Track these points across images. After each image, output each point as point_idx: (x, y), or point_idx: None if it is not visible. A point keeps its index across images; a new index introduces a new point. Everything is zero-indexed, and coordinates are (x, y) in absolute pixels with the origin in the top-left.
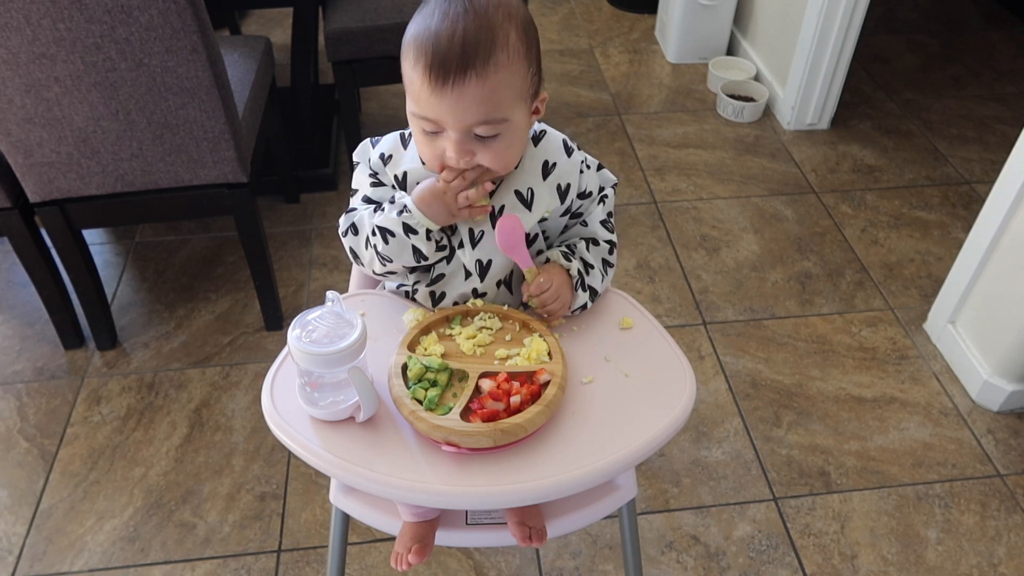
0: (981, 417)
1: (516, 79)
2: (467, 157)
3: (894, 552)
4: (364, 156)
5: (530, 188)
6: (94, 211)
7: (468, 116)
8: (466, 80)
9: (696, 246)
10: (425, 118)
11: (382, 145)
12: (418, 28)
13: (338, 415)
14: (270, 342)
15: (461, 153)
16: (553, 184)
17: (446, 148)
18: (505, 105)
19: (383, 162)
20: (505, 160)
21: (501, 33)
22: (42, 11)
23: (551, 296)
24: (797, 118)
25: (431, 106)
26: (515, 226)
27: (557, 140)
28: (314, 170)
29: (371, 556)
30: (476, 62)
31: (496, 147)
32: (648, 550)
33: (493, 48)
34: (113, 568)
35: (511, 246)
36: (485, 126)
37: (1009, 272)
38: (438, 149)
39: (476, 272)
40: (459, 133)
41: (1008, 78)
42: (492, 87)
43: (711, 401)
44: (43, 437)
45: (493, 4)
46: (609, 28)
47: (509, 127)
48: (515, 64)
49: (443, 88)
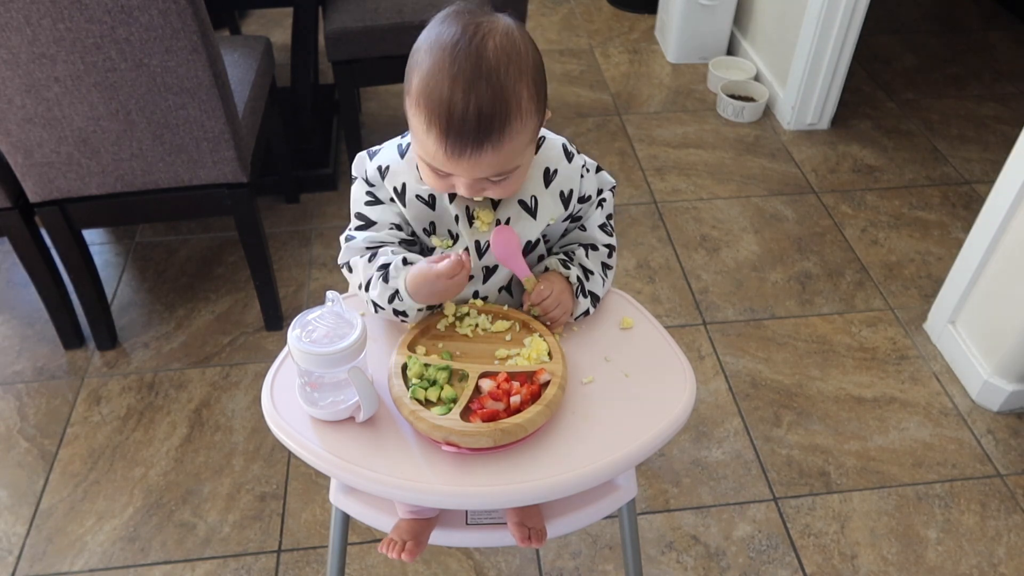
0: (981, 417)
1: (527, 134)
2: (479, 194)
3: (894, 552)
4: (360, 170)
5: (533, 196)
6: (94, 211)
7: (481, 173)
8: (482, 152)
9: (696, 246)
10: (435, 169)
11: (380, 157)
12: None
13: (338, 415)
14: (270, 342)
15: (473, 192)
16: (556, 191)
17: (457, 186)
18: (516, 158)
19: (380, 175)
20: (513, 189)
21: (514, 99)
22: (42, 11)
23: (552, 303)
24: (797, 118)
25: (444, 165)
26: (510, 237)
27: (557, 146)
28: (314, 170)
29: (371, 556)
30: (492, 136)
31: (505, 184)
32: (648, 550)
33: (508, 119)
34: (113, 568)
35: (507, 257)
36: (498, 176)
37: (1009, 272)
38: (447, 184)
39: (481, 277)
40: (471, 180)
41: (1008, 78)
42: (507, 152)
43: (711, 401)
44: (43, 437)
45: (504, 62)
46: (609, 28)
47: (519, 169)
48: (527, 123)
49: (459, 158)
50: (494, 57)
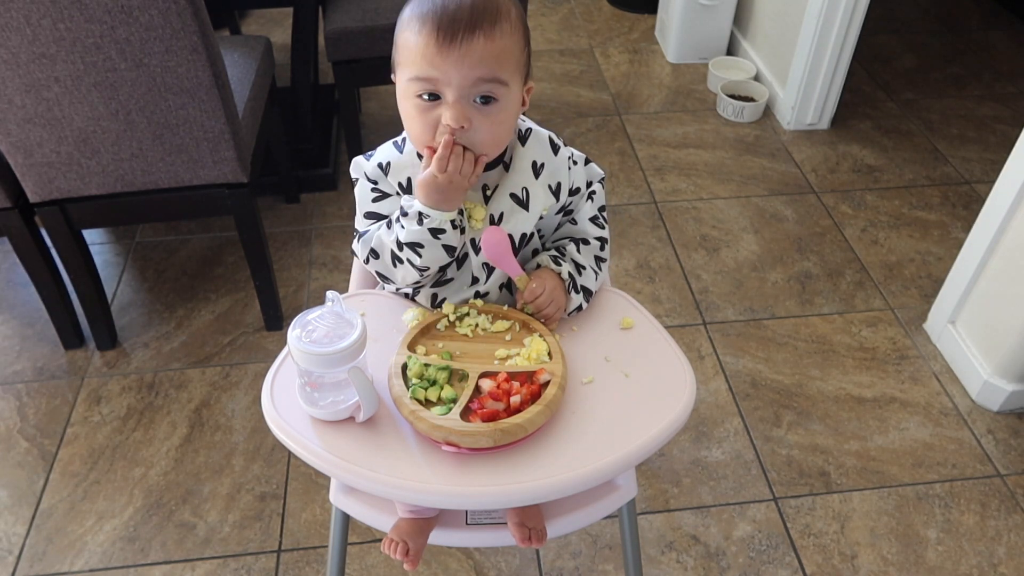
0: (981, 417)
1: (516, 49)
2: (465, 123)
3: (894, 552)
4: (359, 171)
5: (524, 188)
6: (94, 211)
7: (473, 72)
8: (474, 38)
9: (696, 246)
10: (425, 79)
11: (377, 156)
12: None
13: (338, 415)
14: (270, 342)
15: (459, 118)
16: (545, 184)
17: (443, 115)
18: (507, 68)
19: (383, 171)
20: (497, 135)
21: (503, 6)
22: (42, 11)
23: (545, 300)
24: (797, 118)
25: (435, 64)
26: (500, 238)
27: (543, 139)
28: (314, 170)
29: (371, 556)
30: (484, 23)
31: (493, 116)
32: (648, 550)
33: (498, 16)
34: (113, 568)
35: (497, 257)
36: (487, 85)
37: (1009, 272)
38: (432, 119)
39: (483, 275)
40: (459, 93)
41: (1008, 78)
42: (498, 48)
43: (711, 401)
44: (43, 437)
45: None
46: (609, 28)
47: (507, 94)
48: (516, 35)
49: (450, 46)
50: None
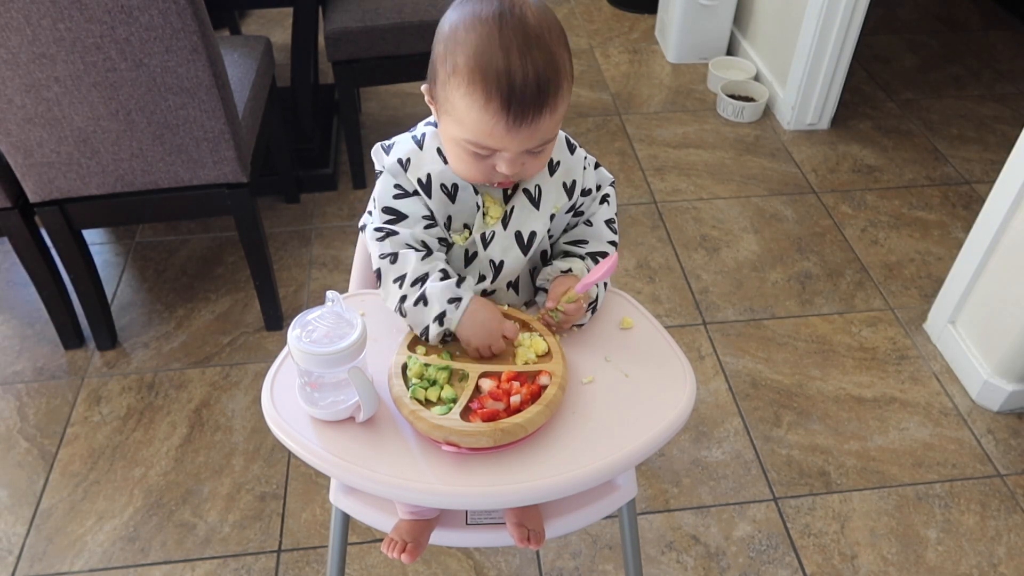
0: (981, 417)
1: (569, 98)
2: (519, 169)
3: (894, 552)
4: (381, 163)
5: (537, 186)
6: (94, 211)
7: (532, 143)
8: (541, 117)
9: (696, 246)
10: (485, 146)
11: (397, 150)
12: (479, 58)
13: (338, 415)
14: (270, 342)
15: (515, 168)
16: (559, 181)
17: (498, 164)
18: (559, 124)
19: (403, 167)
20: (545, 162)
21: (562, 63)
22: (42, 11)
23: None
24: (797, 118)
25: (500, 141)
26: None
27: (560, 137)
28: (314, 170)
29: (371, 556)
30: (549, 99)
31: (542, 157)
32: (648, 550)
33: (560, 81)
34: (113, 568)
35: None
36: (540, 145)
37: (1009, 272)
38: (487, 167)
39: (491, 273)
40: (516, 154)
41: (1008, 78)
42: (558, 116)
43: (711, 401)
44: (43, 437)
45: (546, 28)
46: (609, 28)
47: (556, 138)
48: (570, 86)
49: (519, 127)
50: (537, 24)
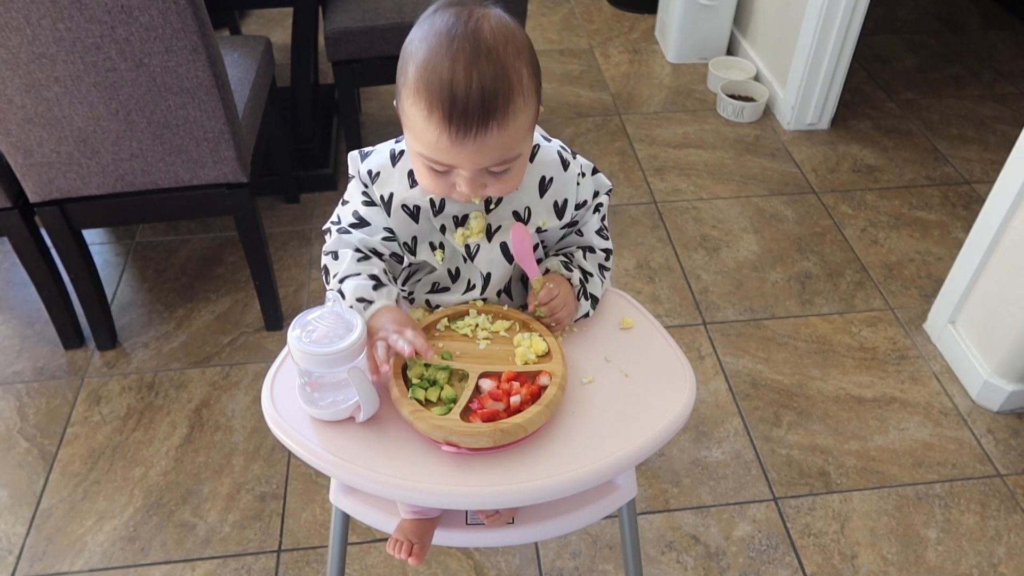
0: (981, 417)
1: (529, 116)
2: (479, 190)
3: (894, 552)
4: (355, 169)
5: (528, 207)
6: (94, 211)
7: (486, 161)
8: (487, 132)
9: (696, 246)
10: (436, 161)
11: (371, 160)
12: (426, 68)
13: (338, 415)
14: (270, 342)
15: (474, 189)
16: (550, 201)
17: (457, 183)
18: (519, 144)
19: (371, 179)
20: (513, 186)
21: (515, 76)
22: (42, 11)
23: (559, 304)
24: (797, 118)
25: (447, 155)
26: (525, 235)
27: (552, 153)
28: (314, 170)
29: (371, 556)
30: (497, 113)
31: (507, 177)
32: (648, 550)
33: (511, 96)
34: (113, 568)
35: (523, 254)
36: (500, 164)
37: (1009, 272)
38: (447, 183)
39: (480, 284)
40: (473, 173)
41: (1008, 78)
42: (511, 132)
43: (711, 401)
44: (43, 437)
45: (502, 41)
46: (609, 28)
47: (520, 158)
48: (528, 103)
49: (463, 140)
50: (491, 37)
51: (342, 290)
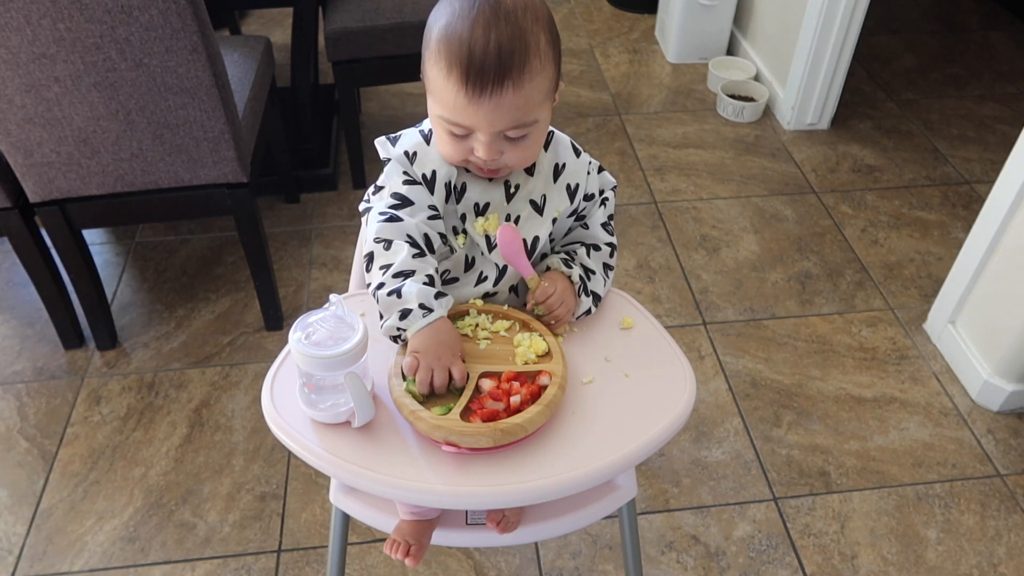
0: (981, 417)
1: (546, 81)
2: (496, 156)
3: (894, 552)
4: (387, 153)
5: (544, 195)
6: (94, 211)
7: (502, 122)
8: (503, 91)
9: (696, 246)
10: (455, 123)
11: (404, 142)
12: (447, 31)
13: (338, 418)
14: (270, 342)
15: (491, 153)
16: (563, 185)
17: (475, 148)
18: (536, 108)
19: (409, 160)
20: (529, 157)
21: (532, 39)
22: (42, 11)
23: (555, 301)
24: (797, 118)
25: (464, 114)
26: (514, 236)
27: (566, 141)
28: (314, 170)
29: (371, 556)
30: (512, 72)
31: (524, 145)
32: (648, 550)
33: (527, 56)
34: (113, 568)
35: (511, 254)
36: (516, 129)
37: (1009, 272)
38: (465, 148)
39: (494, 276)
40: (490, 136)
41: (1008, 78)
42: (527, 94)
43: (711, 401)
44: (43, 437)
45: (521, 6)
46: (609, 28)
47: (537, 126)
48: (546, 67)
49: (479, 99)
50: (511, 3)
51: (403, 291)
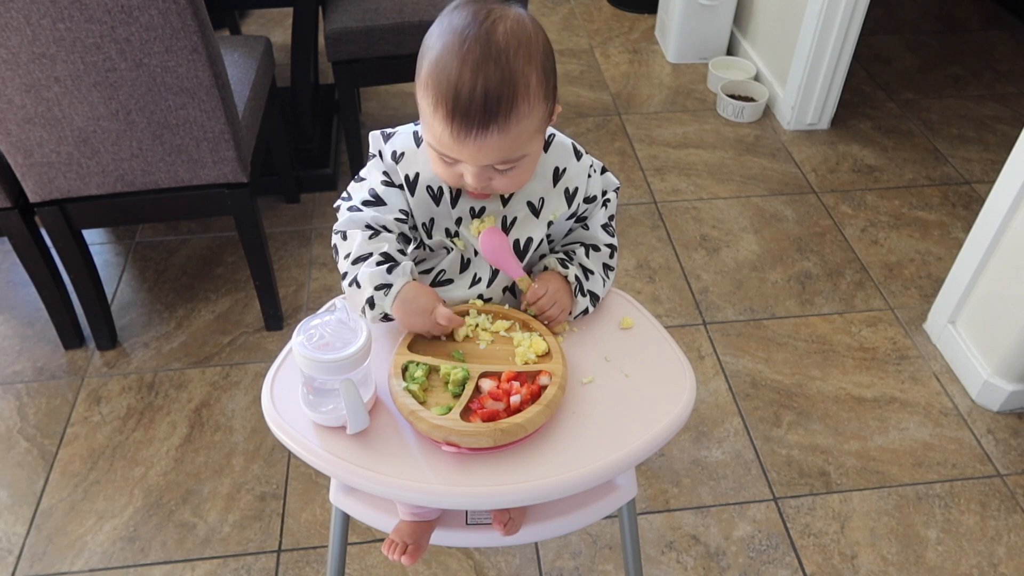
0: (981, 417)
1: (535, 121)
2: (485, 183)
3: (894, 552)
4: (377, 148)
5: (542, 198)
6: (94, 211)
7: (488, 159)
8: (488, 134)
9: (696, 246)
10: (444, 154)
11: (395, 141)
12: (436, 65)
13: (339, 421)
14: (270, 342)
15: (480, 182)
16: (562, 189)
17: (464, 175)
18: (525, 144)
19: (394, 160)
20: (520, 182)
21: (522, 82)
22: (42, 11)
23: (547, 302)
24: (797, 118)
25: (450, 149)
26: (499, 240)
27: (566, 144)
28: (314, 170)
29: (371, 556)
30: (499, 117)
31: (513, 174)
32: (648, 550)
33: (515, 101)
34: (113, 568)
35: (497, 259)
36: (504, 163)
37: (1009, 272)
38: (455, 173)
39: (487, 278)
40: (478, 169)
41: (1008, 78)
42: (514, 136)
43: (711, 401)
44: (43, 437)
45: (514, 45)
46: (609, 28)
47: (527, 158)
48: (535, 108)
49: (464, 139)
50: (503, 40)
51: (358, 279)
